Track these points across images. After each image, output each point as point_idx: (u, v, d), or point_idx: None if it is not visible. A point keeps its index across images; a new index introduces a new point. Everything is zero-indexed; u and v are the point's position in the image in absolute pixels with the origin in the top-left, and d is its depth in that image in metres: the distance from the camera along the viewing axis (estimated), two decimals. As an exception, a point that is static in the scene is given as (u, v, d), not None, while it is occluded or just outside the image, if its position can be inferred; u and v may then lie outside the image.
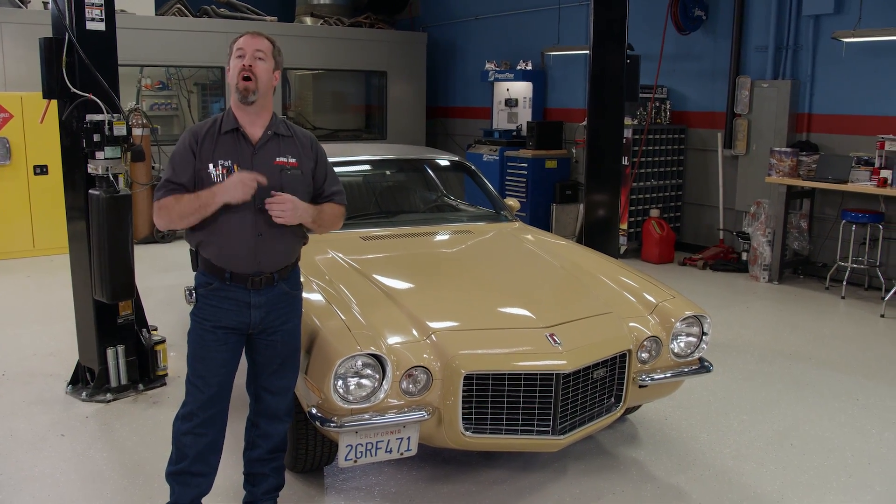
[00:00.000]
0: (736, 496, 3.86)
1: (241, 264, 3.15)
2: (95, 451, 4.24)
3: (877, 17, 7.58)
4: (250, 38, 3.17)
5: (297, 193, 3.16)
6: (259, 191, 3.08)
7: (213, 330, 3.21)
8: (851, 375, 5.55)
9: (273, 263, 3.21)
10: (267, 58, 3.16)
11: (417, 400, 3.42)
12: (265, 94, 3.16)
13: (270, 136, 3.19)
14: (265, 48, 3.16)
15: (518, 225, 5.35)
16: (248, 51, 3.13)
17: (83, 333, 5.04)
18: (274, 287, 3.23)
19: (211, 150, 3.14)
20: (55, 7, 4.63)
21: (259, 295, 3.20)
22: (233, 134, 3.17)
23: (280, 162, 3.17)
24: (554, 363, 3.47)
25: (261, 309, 3.22)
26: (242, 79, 3.10)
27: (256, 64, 3.12)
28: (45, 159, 8.82)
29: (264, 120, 3.21)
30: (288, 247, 3.26)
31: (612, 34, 6.11)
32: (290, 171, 3.18)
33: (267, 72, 3.15)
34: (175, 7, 11.13)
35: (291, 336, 3.34)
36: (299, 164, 3.21)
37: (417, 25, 13.88)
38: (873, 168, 7.48)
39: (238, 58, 3.15)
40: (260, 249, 3.15)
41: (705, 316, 4.03)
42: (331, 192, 3.34)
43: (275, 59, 3.21)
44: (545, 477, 4.01)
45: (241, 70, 3.11)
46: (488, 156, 11.02)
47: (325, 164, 3.34)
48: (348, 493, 3.84)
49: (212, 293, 3.20)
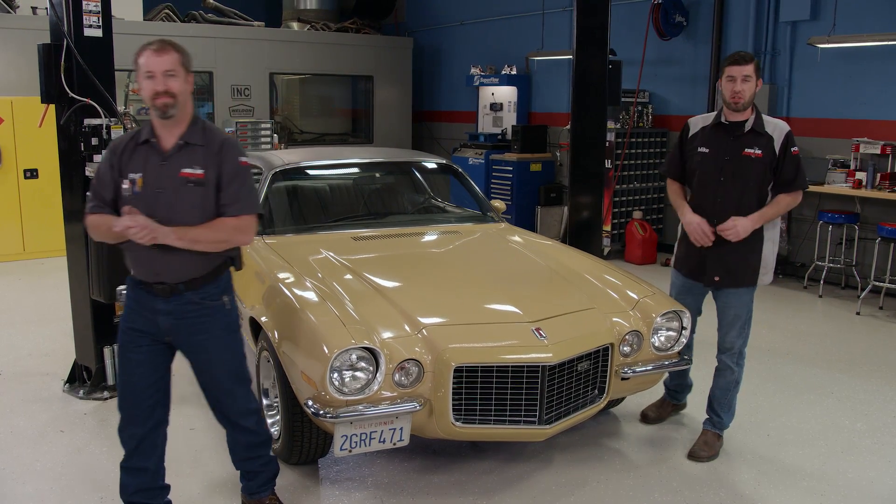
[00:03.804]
0: (715, 484, 4.03)
1: (143, 272, 3.19)
2: (95, 446, 4.35)
3: (851, 23, 7.80)
4: (156, 58, 3.05)
5: (197, 207, 3.10)
6: (153, 204, 3.07)
7: (128, 331, 3.28)
8: (827, 370, 5.73)
9: (173, 275, 3.15)
10: (178, 72, 3.08)
11: (409, 392, 3.56)
12: (184, 105, 3.11)
13: (181, 146, 3.13)
14: (172, 65, 3.06)
15: (504, 226, 5.50)
16: (157, 73, 3.04)
17: (80, 333, 5.14)
18: (182, 296, 3.18)
19: (126, 163, 3.14)
20: (53, 13, 4.74)
21: (167, 303, 3.18)
22: (146, 145, 3.15)
23: (185, 174, 3.10)
24: (540, 356, 3.62)
25: (169, 316, 3.20)
26: (158, 99, 3.05)
27: (170, 84, 3.05)
28: (35, 163, 8.91)
29: (181, 129, 3.15)
30: (187, 261, 3.13)
31: (594, 40, 6.24)
32: (193, 184, 3.10)
33: (181, 85, 3.08)
34: (163, 12, 11.22)
35: (221, 356, 3.30)
36: (205, 174, 3.11)
37: (403, 30, 14.02)
38: (849, 170, 7.71)
39: (148, 79, 3.05)
40: (156, 261, 3.12)
41: (684, 311, 4.19)
42: (225, 204, 3.15)
43: (185, 67, 3.11)
44: (532, 467, 4.16)
45: (154, 95, 3.04)
46: (474, 159, 11.17)
47: (231, 171, 3.16)
48: (342, 484, 3.97)
49: (129, 295, 3.28)
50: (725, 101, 4.05)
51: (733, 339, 4.25)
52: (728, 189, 4.05)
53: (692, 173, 4.21)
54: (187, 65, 3.15)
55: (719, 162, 4.07)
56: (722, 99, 4.08)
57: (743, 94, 3.95)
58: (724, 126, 4.10)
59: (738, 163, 4.03)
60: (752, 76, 3.94)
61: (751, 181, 4.02)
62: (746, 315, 4.23)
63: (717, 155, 4.08)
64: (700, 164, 4.15)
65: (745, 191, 4.03)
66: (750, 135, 4.03)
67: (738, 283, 4.15)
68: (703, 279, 4.22)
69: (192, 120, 3.20)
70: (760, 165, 4.00)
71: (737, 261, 4.10)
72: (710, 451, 4.29)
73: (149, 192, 3.11)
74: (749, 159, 4.01)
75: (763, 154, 3.99)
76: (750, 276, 4.14)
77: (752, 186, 4.03)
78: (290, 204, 5.48)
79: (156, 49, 3.07)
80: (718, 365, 4.33)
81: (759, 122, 4.04)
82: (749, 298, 4.22)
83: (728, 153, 4.06)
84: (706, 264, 4.17)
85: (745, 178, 4.03)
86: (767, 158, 4.00)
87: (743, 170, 4.03)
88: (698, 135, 4.20)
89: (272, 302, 4.09)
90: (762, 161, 4.00)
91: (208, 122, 3.30)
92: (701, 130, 4.20)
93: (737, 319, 4.22)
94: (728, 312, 4.23)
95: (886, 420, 4.85)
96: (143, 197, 3.11)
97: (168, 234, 3.03)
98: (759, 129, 4.03)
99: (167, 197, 3.10)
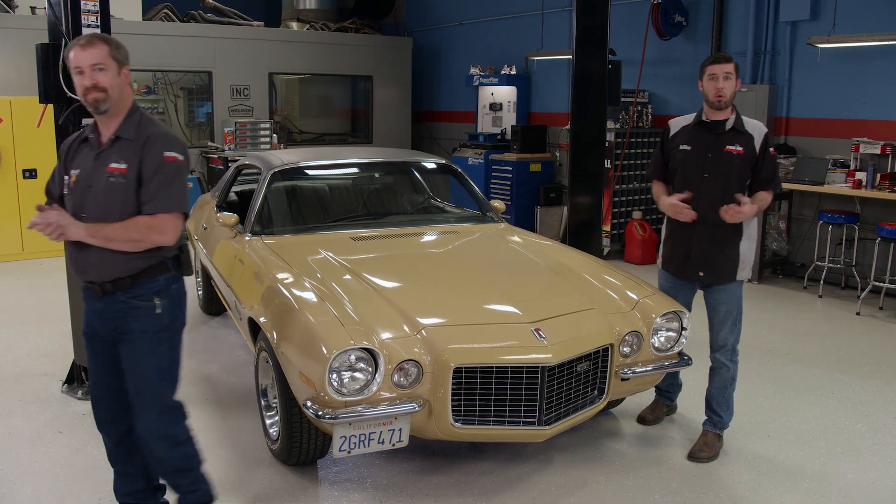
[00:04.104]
0: (714, 485, 4.02)
1: (74, 270, 3.17)
2: (93, 447, 4.32)
3: (850, 23, 7.79)
4: (82, 53, 2.97)
5: (117, 203, 3.00)
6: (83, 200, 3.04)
7: (85, 336, 3.29)
8: (827, 371, 5.72)
9: (98, 274, 3.08)
10: (107, 65, 2.99)
11: (408, 392, 3.55)
12: (118, 99, 3.04)
13: (113, 141, 3.07)
14: (101, 58, 2.97)
15: (504, 226, 5.49)
16: (85, 68, 2.97)
17: (78, 333, 5.11)
18: (113, 297, 3.10)
19: (71, 160, 3.14)
20: (52, 13, 4.73)
21: (100, 302, 3.13)
22: (86, 142, 3.14)
23: (110, 168, 3.03)
24: (539, 356, 3.61)
25: (102, 315, 3.16)
26: (88, 95, 3.00)
27: (98, 78, 2.97)
28: (34, 163, 8.89)
29: (117, 123, 3.08)
30: (108, 259, 3.02)
31: (594, 39, 6.23)
32: (114, 179, 3.01)
33: (112, 78, 3.00)
34: (162, 12, 11.20)
35: (138, 362, 3.14)
36: (128, 169, 3.02)
37: (403, 30, 14.01)
38: (849, 170, 7.70)
39: (78, 74, 3.00)
40: (78, 258, 3.09)
41: (684, 312, 4.18)
42: (143, 201, 3.02)
43: (116, 59, 3.02)
44: (531, 468, 4.15)
45: (85, 91, 2.99)
46: (473, 159, 11.16)
47: (152, 167, 3.03)
48: (341, 485, 3.96)
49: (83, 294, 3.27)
50: (708, 100, 4.16)
51: (725, 336, 4.28)
52: (711, 185, 4.15)
53: (675, 171, 4.32)
54: (119, 57, 3.04)
55: (702, 159, 4.19)
56: (704, 98, 4.20)
57: (725, 92, 4.08)
58: (706, 124, 4.23)
59: (721, 159, 4.15)
60: (732, 74, 4.08)
61: (732, 177, 4.14)
62: (737, 311, 4.28)
63: (700, 152, 4.21)
64: (682, 161, 4.26)
65: (728, 186, 4.13)
66: (731, 133, 4.17)
67: (720, 278, 4.22)
68: (688, 274, 4.29)
69: (129, 113, 3.10)
70: (741, 162, 4.13)
71: (718, 256, 4.20)
72: (711, 451, 4.30)
73: (79, 187, 3.07)
74: (731, 156, 4.14)
75: (744, 151, 4.13)
76: (730, 271, 4.21)
77: (733, 182, 4.14)
78: (289, 204, 5.47)
79: (83, 44, 2.99)
80: (713, 364, 4.35)
81: (740, 121, 4.19)
82: (738, 294, 4.28)
83: (710, 150, 4.18)
84: (690, 260, 4.25)
85: (727, 174, 4.14)
86: (748, 156, 4.13)
87: (725, 166, 4.14)
88: (679, 134, 4.33)
89: (271, 302, 4.08)
90: (743, 158, 4.13)
91: (147, 116, 3.18)
92: (682, 130, 4.33)
93: (728, 316, 4.26)
94: (719, 309, 4.27)
95: (887, 421, 4.83)
96: (74, 193, 3.09)
97: (80, 230, 2.94)
98: (739, 127, 4.17)
99: (94, 193, 3.04)
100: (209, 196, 6.83)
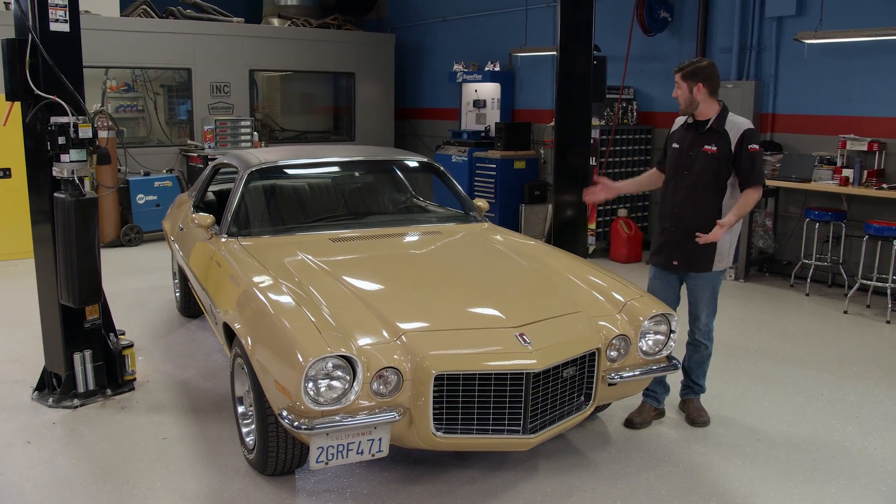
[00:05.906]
0: (705, 491, 3.92)
1: None
2: (63, 458, 4.18)
3: (837, 19, 7.72)
4: None
5: None
6: None
7: None
8: (816, 371, 5.64)
9: None
10: None
11: (388, 401, 3.42)
12: None
13: None
14: None
15: (487, 225, 5.37)
16: None
17: (49, 338, 4.97)
18: None
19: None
20: (18, 7, 4.56)
21: None
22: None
23: None
24: (524, 362, 3.49)
25: None
26: None
27: None
28: (7, 162, 8.68)
29: None
30: None
31: (578, 35, 6.15)
32: None
33: None
34: (140, 8, 11.01)
35: None
36: None
37: (385, 27, 13.87)
38: (835, 167, 7.63)
39: None
40: None
41: (672, 314, 4.08)
42: None
43: None
44: (516, 476, 4.03)
45: None
46: (457, 157, 11.05)
47: None
48: (320, 496, 3.83)
49: None
50: None
51: (705, 319, 4.58)
52: (687, 181, 4.45)
53: (668, 166, 4.65)
54: None
55: (684, 157, 4.49)
56: None
57: (679, 99, 4.41)
58: (692, 124, 4.49)
59: (697, 158, 4.42)
60: (680, 83, 4.36)
61: (707, 175, 4.39)
62: (712, 294, 4.55)
63: (683, 150, 4.50)
64: (671, 158, 4.60)
65: (702, 183, 4.40)
66: (709, 132, 4.40)
67: (695, 267, 4.48)
68: (666, 264, 4.56)
69: None
70: (715, 161, 4.35)
71: (693, 248, 4.42)
72: (705, 414, 4.67)
73: None
74: (706, 155, 4.39)
75: (718, 150, 4.34)
76: (705, 262, 4.45)
77: (708, 180, 4.39)
78: (266, 204, 5.33)
79: None
80: (691, 340, 4.65)
81: (720, 121, 4.38)
82: (716, 282, 4.55)
83: (692, 149, 4.45)
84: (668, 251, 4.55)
85: (702, 171, 4.40)
86: (722, 155, 4.34)
87: (700, 164, 4.41)
88: (676, 132, 4.62)
89: (246, 307, 3.95)
90: (716, 157, 4.35)
91: None
92: (678, 128, 4.62)
93: (705, 301, 4.55)
94: (696, 295, 4.55)
95: (878, 423, 4.75)
96: None
97: None
98: (718, 127, 4.37)
99: None
100: (186, 196, 6.68)
